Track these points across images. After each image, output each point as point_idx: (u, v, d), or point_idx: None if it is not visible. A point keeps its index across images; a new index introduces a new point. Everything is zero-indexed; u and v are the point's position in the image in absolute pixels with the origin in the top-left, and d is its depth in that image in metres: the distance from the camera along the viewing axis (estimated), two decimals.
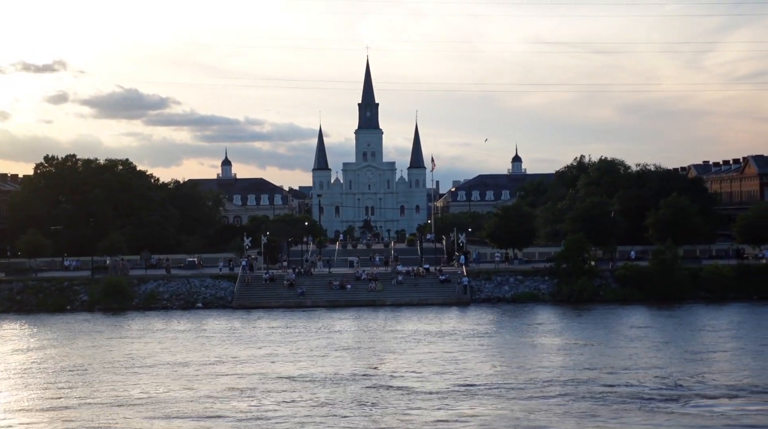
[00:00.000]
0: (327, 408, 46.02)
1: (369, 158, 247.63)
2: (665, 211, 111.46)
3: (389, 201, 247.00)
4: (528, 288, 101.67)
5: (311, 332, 76.78)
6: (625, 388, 49.84)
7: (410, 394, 48.84)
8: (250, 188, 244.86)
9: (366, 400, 47.79)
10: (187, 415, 45.09)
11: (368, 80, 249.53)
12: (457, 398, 47.49)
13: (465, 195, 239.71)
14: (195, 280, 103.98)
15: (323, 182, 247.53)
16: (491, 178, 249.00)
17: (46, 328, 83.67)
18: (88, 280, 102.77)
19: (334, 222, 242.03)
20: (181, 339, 74.45)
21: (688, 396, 47.45)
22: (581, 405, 45.61)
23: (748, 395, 47.65)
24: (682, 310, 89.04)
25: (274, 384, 52.68)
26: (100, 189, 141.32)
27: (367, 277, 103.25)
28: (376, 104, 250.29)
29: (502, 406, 45.65)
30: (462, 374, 54.64)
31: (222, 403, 47.58)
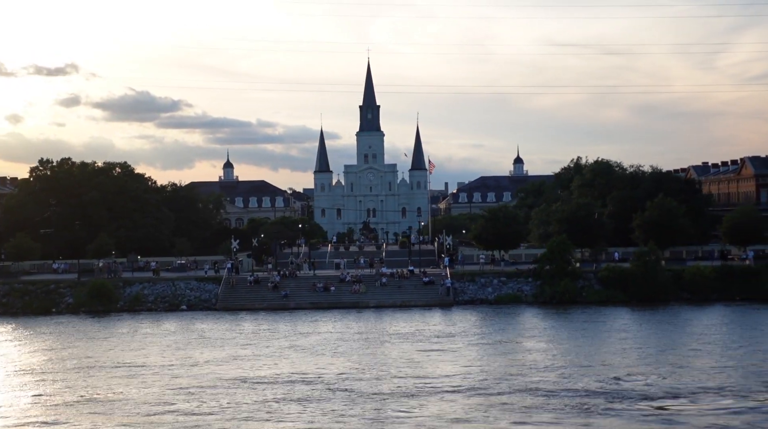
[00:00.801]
0: (264, 407, 46.54)
1: (370, 160, 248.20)
2: (651, 212, 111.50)
3: (391, 203, 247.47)
4: (511, 290, 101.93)
5: (279, 334, 77.18)
6: (568, 387, 50.22)
7: (352, 394, 49.34)
8: (252, 191, 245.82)
9: (303, 399, 48.36)
10: (128, 414, 45.67)
11: (369, 82, 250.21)
12: (392, 399, 47.94)
13: (466, 197, 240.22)
14: (180, 282, 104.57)
15: (324, 184, 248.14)
16: (493, 179, 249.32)
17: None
18: (75, 283, 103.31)
19: (336, 224, 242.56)
20: (147, 341, 74.81)
21: (629, 396, 47.68)
22: (517, 405, 45.98)
23: (690, 395, 47.87)
24: (661, 312, 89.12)
25: (221, 385, 53.13)
26: (95, 192, 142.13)
27: (351, 279, 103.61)
28: (377, 106, 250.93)
29: (440, 405, 46.05)
30: (406, 375, 55.14)
31: (163, 405, 47.95)
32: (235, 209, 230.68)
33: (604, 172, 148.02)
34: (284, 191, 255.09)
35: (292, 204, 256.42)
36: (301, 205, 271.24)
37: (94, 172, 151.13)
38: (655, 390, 49.22)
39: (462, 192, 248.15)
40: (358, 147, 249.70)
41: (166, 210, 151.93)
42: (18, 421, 45.19)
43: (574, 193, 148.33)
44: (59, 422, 44.61)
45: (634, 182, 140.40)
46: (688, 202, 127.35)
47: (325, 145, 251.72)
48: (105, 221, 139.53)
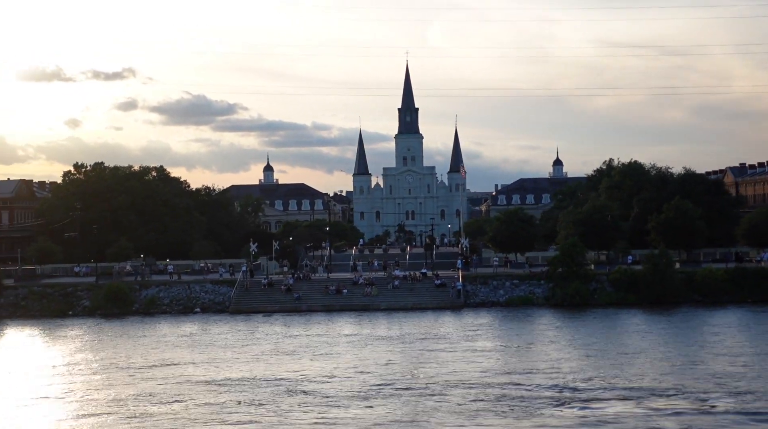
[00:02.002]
0: (217, 409, 47.47)
1: (409, 163, 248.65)
2: (667, 214, 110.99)
3: (429, 205, 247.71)
4: (523, 292, 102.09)
5: (269, 337, 78.18)
6: (526, 390, 50.63)
7: (315, 396, 50.06)
8: (291, 193, 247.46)
9: (264, 401, 49.21)
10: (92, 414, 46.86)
11: (408, 85, 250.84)
12: (351, 401, 48.54)
13: (505, 199, 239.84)
14: (196, 285, 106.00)
15: (363, 187, 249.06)
16: (532, 181, 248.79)
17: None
18: (93, 286, 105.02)
19: (375, 227, 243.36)
20: (139, 343, 76.15)
21: (582, 398, 47.92)
22: (474, 406, 46.42)
23: (645, 398, 47.99)
24: (668, 314, 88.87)
25: (189, 387, 54.11)
26: (124, 196, 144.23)
27: (363, 282, 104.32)
28: (416, 109, 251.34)
29: (392, 407, 46.66)
30: (373, 377, 55.86)
31: (130, 406, 49.05)
32: (275, 212, 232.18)
33: (631, 174, 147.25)
34: (324, 194, 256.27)
35: (332, 207, 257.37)
36: (342, 207, 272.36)
37: (125, 177, 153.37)
38: (609, 392, 49.48)
39: (501, 194, 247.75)
40: (397, 149, 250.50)
41: (196, 214, 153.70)
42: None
43: (602, 195, 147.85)
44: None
45: (661, 184, 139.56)
46: (714, 204, 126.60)
47: (364, 148, 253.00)
48: (135, 225, 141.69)
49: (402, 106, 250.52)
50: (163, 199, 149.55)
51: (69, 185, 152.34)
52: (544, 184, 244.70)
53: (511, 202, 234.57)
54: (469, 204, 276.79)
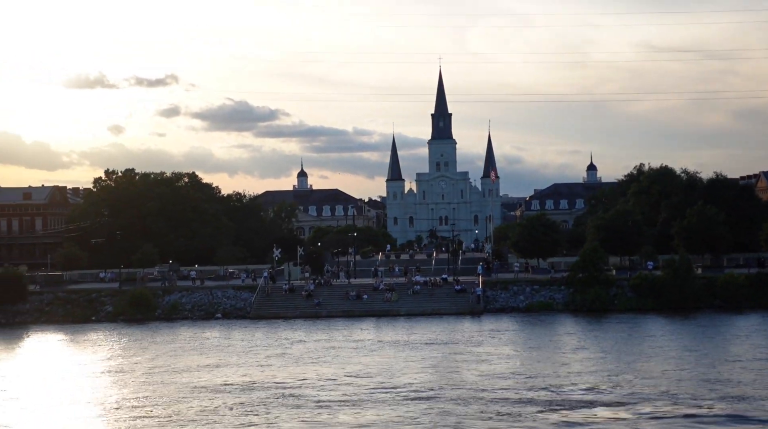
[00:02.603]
0: (207, 414, 48.07)
1: (442, 168, 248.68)
2: (690, 220, 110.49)
3: (463, 211, 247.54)
4: (543, 298, 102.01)
5: (278, 342, 78.61)
6: (513, 395, 50.84)
7: (306, 401, 50.54)
8: (325, 199, 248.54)
9: (255, 406, 49.68)
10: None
11: (441, 91, 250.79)
12: (341, 406, 48.83)
13: (539, 204, 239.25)
14: (218, 291, 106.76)
15: (397, 192, 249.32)
16: (566, 186, 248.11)
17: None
18: (116, 292, 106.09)
19: (408, 232, 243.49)
20: (151, 348, 77.15)
21: (561, 402, 48.13)
22: (451, 410, 46.65)
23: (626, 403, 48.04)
24: (687, 320, 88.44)
25: (185, 392, 54.76)
26: (153, 202, 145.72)
27: (384, 288, 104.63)
28: (449, 114, 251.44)
29: (386, 412, 46.93)
30: (365, 383, 56.07)
31: (124, 411, 49.77)
32: (308, 218, 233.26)
33: (660, 179, 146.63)
34: (357, 200, 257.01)
35: (366, 212, 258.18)
36: (376, 213, 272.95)
37: (154, 183, 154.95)
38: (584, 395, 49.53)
39: (534, 199, 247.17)
40: (430, 155, 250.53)
41: (225, 219, 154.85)
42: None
43: (631, 201, 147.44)
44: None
45: (689, 189, 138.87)
46: (742, 210, 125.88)
47: (397, 154, 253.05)
48: (164, 231, 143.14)
49: (435, 112, 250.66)
50: (192, 205, 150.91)
51: (100, 192, 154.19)
52: (578, 189, 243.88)
53: (544, 208, 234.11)
54: (504, 209, 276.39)
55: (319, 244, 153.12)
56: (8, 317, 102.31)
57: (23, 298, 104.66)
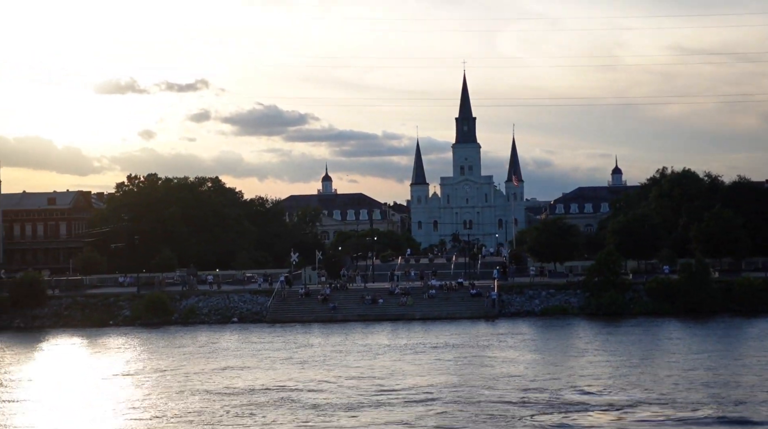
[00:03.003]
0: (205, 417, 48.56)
1: (466, 172, 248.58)
2: (708, 223, 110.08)
3: (487, 215, 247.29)
4: (558, 302, 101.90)
5: (287, 346, 79.13)
6: (512, 398, 51.17)
7: (303, 405, 50.89)
8: (349, 203, 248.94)
9: (253, 408, 50.24)
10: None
11: (465, 94, 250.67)
12: (337, 410, 49.18)
13: (563, 208, 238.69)
14: (234, 295, 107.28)
15: (421, 197, 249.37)
16: (591, 190, 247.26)
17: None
18: (134, 296, 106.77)
19: (432, 236, 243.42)
20: (160, 351, 78.06)
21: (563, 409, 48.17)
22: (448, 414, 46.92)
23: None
24: (702, 324, 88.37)
25: (185, 395, 55.39)
26: (175, 207, 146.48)
27: (399, 292, 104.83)
28: (474, 118, 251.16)
29: (382, 416, 47.16)
30: (365, 386, 56.46)
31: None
32: (332, 222, 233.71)
33: (681, 183, 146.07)
34: (382, 204, 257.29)
35: (391, 216, 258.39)
36: (401, 217, 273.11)
37: (176, 188, 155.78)
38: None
39: (559, 203, 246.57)
40: (454, 159, 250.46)
41: (247, 223, 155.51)
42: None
43: (652, 204, 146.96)
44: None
45: (710, 193, 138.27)
46: (764, 213, 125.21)
47: (421, 158, 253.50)
48: (185, 235, 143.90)
49: (459, 116, 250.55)
50: (214, 210, 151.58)
51: (122, 197, 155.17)
52: (603, 193, 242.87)
53: (569, 211, 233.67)
54: (530, 213, 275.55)
55: (339, 249, 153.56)
56: (27, 321, 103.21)
57: (42, 302, 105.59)
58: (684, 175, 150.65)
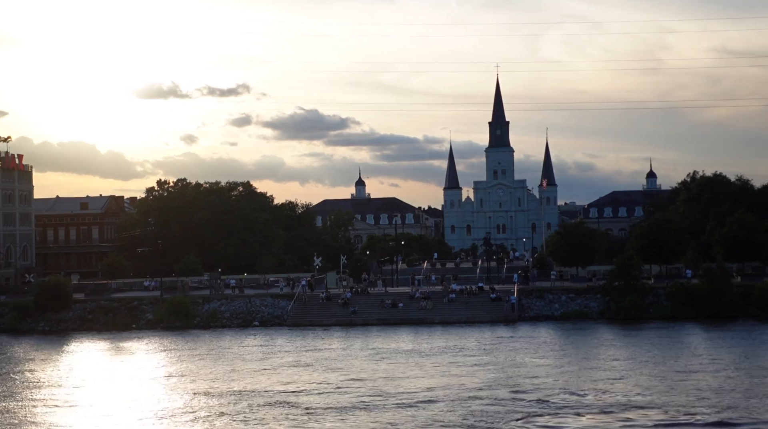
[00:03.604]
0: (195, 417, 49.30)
1: (500, 176, 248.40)
2: (730, 227, 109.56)
3: (520, 219, 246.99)
4: (578, 306, 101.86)
5: (297, 349, 79.93)
6: (501, 401, 51.69)
7: (297, 408, 51.48)
8: (382, 208, 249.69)
9: (247, 411, 50.96)
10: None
11: (498, 98, 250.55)
12: (328, 413, 49.84)
13: (597, 212, 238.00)
14: (256, 299, 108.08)
15: (454, 201, 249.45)
16: (625, 194, 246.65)
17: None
18: (157, 300, 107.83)
19: (466, 240, 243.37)
20: (170, 354, 79.47)
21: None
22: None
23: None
24: (722, 329, 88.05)
25: (187, 397, 56.41)
26: (204, 212, 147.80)
27: (420, 296, 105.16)
28: (506, 122, 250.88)
29: (371, 418, 47.63)
30: (362, 389, 57.15)
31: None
32: (365, 226, 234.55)
33: (710, 187, 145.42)
34: (415, 208, 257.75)
35: (424, 220, 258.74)
36: (435, 221, 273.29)
37: (205, 192, 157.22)
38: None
39: (593, 207, 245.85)
40: (488, 163, 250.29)
41: (276, 228, 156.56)
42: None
43: (681, 208, 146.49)
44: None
45: (740, 197, 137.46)
46: None
47: (454, 162, 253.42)
48: (214, 240, 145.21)
49: (492, 120, 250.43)
50: (243, 214, 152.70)
51: (151, 201, 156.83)
52: (637, 196, 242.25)
53: (602, 216, 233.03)
54: (566, 217, 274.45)
55: (367, 253, 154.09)
56: (51, 324, 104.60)
57: (67, 306, 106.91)
58: (713, 179, 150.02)
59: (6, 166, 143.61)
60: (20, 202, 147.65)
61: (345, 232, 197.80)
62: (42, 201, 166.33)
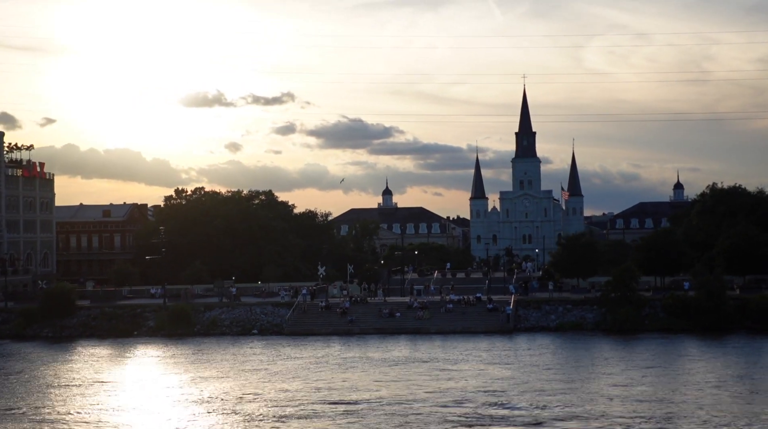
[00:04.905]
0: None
1: (526, 186, 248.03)
2: (732, 240, 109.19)
3: (547, 229, 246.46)
4: (574, 317, 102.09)
5: (270, 359, 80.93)
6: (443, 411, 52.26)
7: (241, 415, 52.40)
8: (409, 217, 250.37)
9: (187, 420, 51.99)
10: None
11: (525, 109, 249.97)
12: (260, 422, 50.63)
13: (623, 223, 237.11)
14: (257, 307, 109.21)
15: (480, 211, 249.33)
16: (651, 205, 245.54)
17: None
18: (159, 308, 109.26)
19: (492, 250, 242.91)
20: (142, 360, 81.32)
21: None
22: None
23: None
24: (717, 342, 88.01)
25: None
26: (219, 220, 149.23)
27: (417, 306, 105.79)
28: (533, 133, 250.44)
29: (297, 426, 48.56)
30: (314, 398, 58.31)
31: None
32: (392, 236, 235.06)
33: (724, 199, 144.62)
34: (442, 218, 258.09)
35: (451, 230, 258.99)
36: (462, 230, 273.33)
37: (222, 201, 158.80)
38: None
39: (619, 218, 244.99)
40: (514, 173, 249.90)
41: (292, 237, 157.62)
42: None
43: (694, 220, 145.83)
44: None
45: (755, 209, 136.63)
46: None
47: (480, 172, 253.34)
48: (228, 248, 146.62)
49: (519, 131, 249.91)
50: (260, 223, 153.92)
51: (168, 210, 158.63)
52: (664, 207, 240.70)
53: (629, 226, 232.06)
54: (597, 227, 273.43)
55: (381, 262, 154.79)
56: (56, 331, 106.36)
57: (71, 312, 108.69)
58: (729, 191, 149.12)
59: (28, 173, 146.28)
60: (41, 210, 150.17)
61: (370, 241, 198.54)
62: (65, 208, 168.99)
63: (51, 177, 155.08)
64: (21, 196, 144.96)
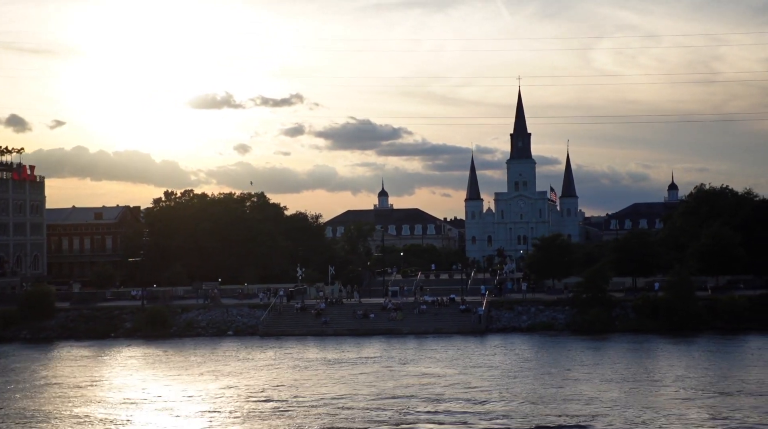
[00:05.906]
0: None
1: (521, 188, 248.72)
2: (706, 241, 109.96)
3: (541, 230, 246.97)
4: (546, 318, 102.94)
5: (224, 359, 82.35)
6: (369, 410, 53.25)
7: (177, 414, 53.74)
8: (405, 218, 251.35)
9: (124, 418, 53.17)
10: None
11: (520, 110, 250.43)
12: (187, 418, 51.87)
13: (617, 224, 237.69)
14: (233, 309, 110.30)
15: (475, 212, 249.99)
16: (646, 206, 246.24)
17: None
18: (137, 309, 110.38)
19: (487, 251, 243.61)
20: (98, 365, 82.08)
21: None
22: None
23: None
24: (684, 341, 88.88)
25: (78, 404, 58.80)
26: (207, 222, 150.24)
27: (392, 307, 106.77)
28: (528, 134, 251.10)
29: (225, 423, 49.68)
30: (254, 397, 59.56)
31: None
32: (387, 237, 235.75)
33: (708, 200, 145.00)
34: (437, 219, 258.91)
35: (446, 231, 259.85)
36: (458, 232, 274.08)
37: (211, 203, 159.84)
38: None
39: (613, 219, 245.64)
40: (509, 174, 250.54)
41: (281, 238, 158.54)
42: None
43: (678, 221, 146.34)
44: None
45: (737, 210, 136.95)
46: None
47: (476, 173, 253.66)
48: (217, 250, 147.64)
49: (514, 132, 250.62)
50: (247, 225, 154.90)
51: (157, 212, 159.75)
52: (658, 208, 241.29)
53: (623, 227, 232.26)
54: (595, 228, 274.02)
55: (368, 264, 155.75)
56: (34, 332, 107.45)
57: (50, 314, 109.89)
58: (715, 192, 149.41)
59: (18, 177, 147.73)
60: (32, 212, 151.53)
61: (365, 242, 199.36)
62: (58, 211, 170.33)
63: (41, 180, 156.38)
64: (11, 199, 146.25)
